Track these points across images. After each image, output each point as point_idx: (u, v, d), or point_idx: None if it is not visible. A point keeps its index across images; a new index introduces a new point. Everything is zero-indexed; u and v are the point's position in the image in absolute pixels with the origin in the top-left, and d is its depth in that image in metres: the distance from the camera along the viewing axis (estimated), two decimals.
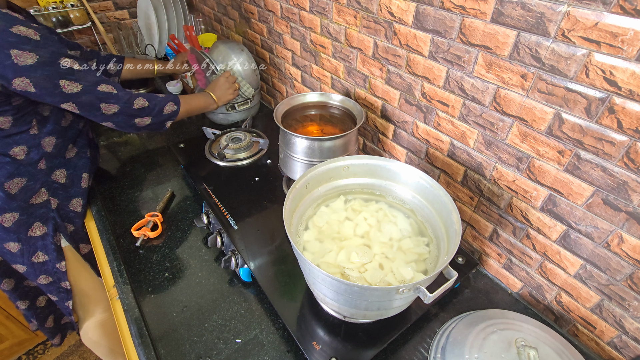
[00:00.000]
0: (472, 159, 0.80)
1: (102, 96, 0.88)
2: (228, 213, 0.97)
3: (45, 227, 1.00)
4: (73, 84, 0.83)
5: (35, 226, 0.97)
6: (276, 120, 0.92)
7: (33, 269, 1.02)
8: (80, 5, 1.62)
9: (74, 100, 0.85)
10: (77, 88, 0.84)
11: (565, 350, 0.63)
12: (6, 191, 0.90)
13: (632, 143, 0.54)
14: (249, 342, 0.74)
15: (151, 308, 0.80)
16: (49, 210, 0.99)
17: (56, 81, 0.81)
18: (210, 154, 1.20)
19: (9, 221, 0.93)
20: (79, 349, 1.75)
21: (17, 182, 0.91)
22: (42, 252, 1.01)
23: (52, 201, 0.99)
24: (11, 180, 0.90)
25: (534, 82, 0.62)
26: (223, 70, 1.22)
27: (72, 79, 0.83)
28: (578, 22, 0.53)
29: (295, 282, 0.81)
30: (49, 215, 1.00)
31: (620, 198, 0.59)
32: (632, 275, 0.62)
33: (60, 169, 1.00)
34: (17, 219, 0.93)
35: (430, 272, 0.67)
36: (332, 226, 0.76)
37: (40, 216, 0.98)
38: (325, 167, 0.77)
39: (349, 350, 0.69)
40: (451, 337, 0.68)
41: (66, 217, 1.05)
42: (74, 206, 1.05)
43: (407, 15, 0.78)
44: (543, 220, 0.72)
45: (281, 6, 1.18)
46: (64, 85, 0.82)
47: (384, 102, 0.97)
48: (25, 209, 0.95)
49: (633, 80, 0.51)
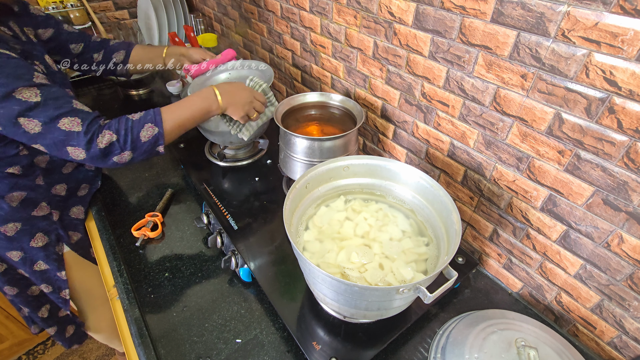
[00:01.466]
0: (472, 159, 0.80)
1: (63, 138, 0.72)
2: (228, 213, 0.97)
3: (47, 237, 0.99)
4: (32, 122, 0.70)
5: (37, 237, 0.96)
6: (276, 121, 0.92)
7: (35, 277, 1.01)
8: (80, 5, 1.62)
9: (41, 142, 0.73)
10: (37, 127, 0.71)
11: (565, 351, 0.63)
12: (7, 203, 0.88)
13: (632, 143, 0.54)
14: (249, 342, 0.74)
15: (151, 308, 0.80)
16: (51, 222, 0.98)
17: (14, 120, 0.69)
18: (210, 154, 1.20)
19: (12, 231, 0.91)
20: (79, 349, 1.74)
21: (17, 195, 0.89)
22: (43, 261, 1.00)
23: (54, 214, 0.98)
24: (11, 193, 0.88)
25: (534, 82, 0.62)
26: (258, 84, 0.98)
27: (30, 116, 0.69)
28: (578, 22, 0.53)
29: (295, 282, 0.81)
30: (51, 227, 0.99)
31: (620, 198, 0.59)
32: (632, 275, 0.62)
33: (60, 184, 0.98)
34: (19, 229, 0.92)
35: (430, 272, 0.67)
36: (332, 226, 0.76)
37: (43, 228, 0.97)
38: (325, 167, 0.77)
39: (349, 350, 0.69)
40: (451, 337, 0.68)
41: (70, 225, 1.04)
42: (75, 214, 1.04)
43: (407, 15, 0.78)
44: (543, 220, 0.72)
45: (281, 6, 1.18)
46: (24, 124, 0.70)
47: (384, 102, 0.97)
48: (28, 220, 0.93)
49: (633, 80, 0.51)
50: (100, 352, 1.73)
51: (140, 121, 0.78)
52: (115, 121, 0.77)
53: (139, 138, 0.77)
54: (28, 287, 1.06)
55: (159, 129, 0.79)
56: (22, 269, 0.99)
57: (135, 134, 0.77)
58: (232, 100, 0.90)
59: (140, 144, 0.77)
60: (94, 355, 1.72)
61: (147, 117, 0.79)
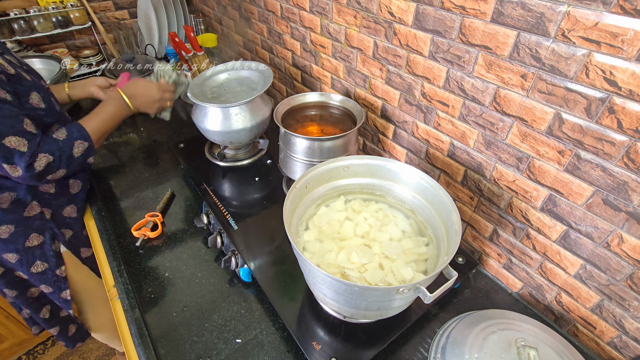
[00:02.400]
0: (472, 159, 0.80)
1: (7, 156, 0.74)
2: (228, 213, 0.97)
3: (42, 236, 0.98)
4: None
5: (32, 237, 0.96)
6: (276, 121, 0.92)
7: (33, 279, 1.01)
8: (80, 5, 1.62)
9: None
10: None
11: (565, 351, 0.63)
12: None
13: (632, 143, 0.54)
14: (249, 342, 0.74)
15: (151, 308, 0.80)
16: (44, 221, 0.98)
17: None
18: (210, 154, 1.20)
19: (5, 233, 0.91)
20: (79, 349, 1.74)
21: (6, 196, 0.88)
22: (41, 260, 1.00)
23: (45, 212, 0.98)
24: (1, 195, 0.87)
25: (534, 82, 0.62)
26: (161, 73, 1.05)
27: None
28: (578, 22, 0.53)
29: (295, 282, 0.81)
30: (45, 225, 0.98)
31: (620, 198, 0.59)
32: (632, 275, 0.62)
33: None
34: (13, 231, 0.92)
35: (430, 272, 0.67)
36: (332, 226, 0.76)
37: (37, 227, 0.97)
38: (325, 167, 0.77)
39: (349, 350, 0.69)
40: (451, 337, 0.68)
41: (63, 223, 1.03)
42: (68, 212, 1.03)
43: (407, 15, 0.78)
44: (543, 220, 0.72)
45: (281, 6, 1.18)
46: None
47: (384, 102, 0.97)
48: (21, 221, 0.93)
49: (633, 80, 0.51)
50: (100, 352, 1.73)
51: (69, 139, 0.84)
52: (43, 143, 0.80)
53: (72, 155, 0.83)
54: (27, 288, 1.05)
55: (89, 142, 0.86)
56: (20, 270, 0.99)
57: (69, 152, 0.83)
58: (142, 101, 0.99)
59: (73, 160, 0.84)
60: (94, 355, 1.72)
61: (73, 135, 0.85)
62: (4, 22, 1.47)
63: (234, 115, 1.03)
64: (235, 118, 1.03)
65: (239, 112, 1.04)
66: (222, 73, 1.18)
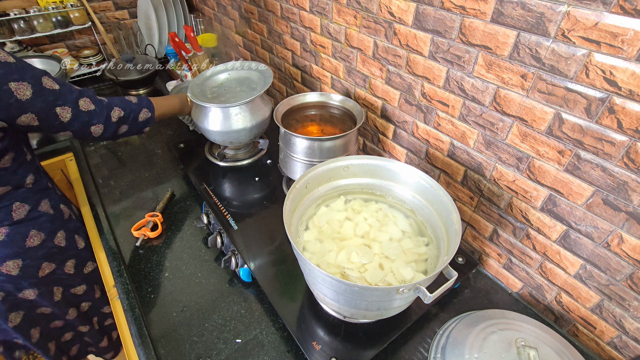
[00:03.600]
0: (472, 159, 0.80)
1: (87, 119, 0.82)
2: (228, 213, 0.97)
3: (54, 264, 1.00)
4: (65, 109, 0.77)
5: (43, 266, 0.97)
6: (276, 121, 0.92)
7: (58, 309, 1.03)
8: (80, 5, 1.62)
9: (70, 129, 0.81)
10: (69, 114, 0.78)
11: (565, 350, 0.63)
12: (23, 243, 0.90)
13: (632, 143, 0.54)
14: (249, 342, 0.74)
15: (151, 308, 0.81)
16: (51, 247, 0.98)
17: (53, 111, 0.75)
18: (210, 154, 1.20)
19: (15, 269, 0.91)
20: None
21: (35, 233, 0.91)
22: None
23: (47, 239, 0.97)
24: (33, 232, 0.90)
25: (534, 82, 0.62)
26: None
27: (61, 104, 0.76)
28: (578, 22, 0.53)
29: (295, 282, 0.81)
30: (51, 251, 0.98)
31: (620, 198, 0.59)
32: (632, 275, 0.62)
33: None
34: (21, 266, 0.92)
35: (430, 272, 0.67)
36: (332, 226, 0.76)
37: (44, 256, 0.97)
38: (325, 167, 0.77)
39: (349, 350, 0.69)
40: (451, 337, 0.68)
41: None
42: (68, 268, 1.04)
43: (407, 15, 0.78)
44: (543, 220, 0.72)
45: (281, 6, 1.18)
46: (61, 114, 0.77)
47: (384, 102, 0.97)
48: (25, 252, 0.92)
49: (633, 80, 0.51)
50: None
51: (139, 105, 0.95)
52: (117, 99, 0.91)
53: (137, 117, 0.94)
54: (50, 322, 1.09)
55: (152, 114, 0.97)
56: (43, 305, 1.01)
57: (136, 113, 0.94)
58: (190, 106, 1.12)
59: (137, 123, 0.95)
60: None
61: (143, 102, 0.96)
62: (4, 22, 1.47)
63: (234, 115, 1.03)
64: (235, 118, 1.04)
65: (239, 112, 1.04)
66: (222, 73, 1.17)
